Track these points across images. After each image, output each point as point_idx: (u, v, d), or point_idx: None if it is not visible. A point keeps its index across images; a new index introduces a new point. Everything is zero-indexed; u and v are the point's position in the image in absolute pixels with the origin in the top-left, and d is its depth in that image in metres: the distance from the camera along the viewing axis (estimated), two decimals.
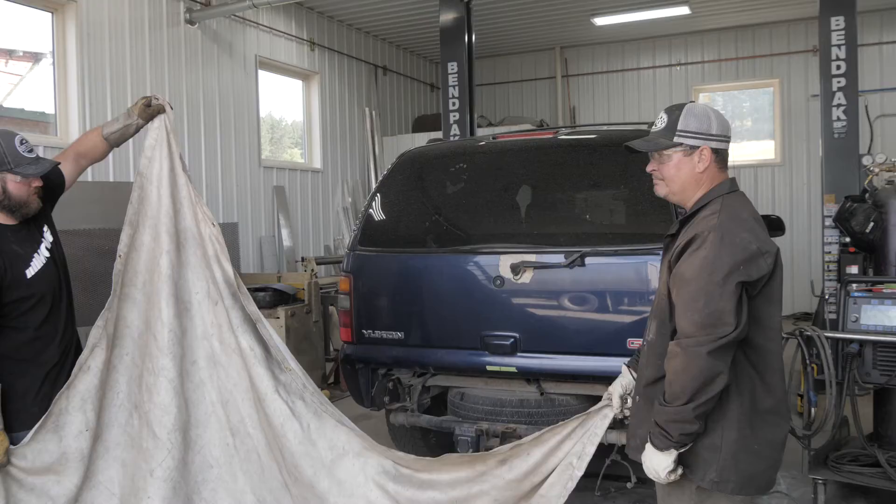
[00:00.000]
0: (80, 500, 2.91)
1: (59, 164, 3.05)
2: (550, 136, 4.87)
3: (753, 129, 12.66)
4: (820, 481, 4.27)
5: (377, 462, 2.97)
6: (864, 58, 9.53)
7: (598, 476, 4.56)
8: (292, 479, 3.00)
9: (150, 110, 3.09)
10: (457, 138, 8.14)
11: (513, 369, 4.13)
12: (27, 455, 2.84)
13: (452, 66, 8.33)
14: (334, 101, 11.25)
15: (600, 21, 11.30)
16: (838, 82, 6.47)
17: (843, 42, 6.46)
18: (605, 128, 5.33)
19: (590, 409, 2.73)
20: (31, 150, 2.90)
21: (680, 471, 2.26)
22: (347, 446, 3.00)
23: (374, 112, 11.90)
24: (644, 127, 4.53)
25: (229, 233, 7.82)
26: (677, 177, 2.39)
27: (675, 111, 2.39)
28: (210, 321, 3.01)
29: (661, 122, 2.41)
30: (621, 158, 4.34)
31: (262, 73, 9.81)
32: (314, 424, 3.00)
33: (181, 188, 3.05)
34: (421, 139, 9.35)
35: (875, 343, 4.16)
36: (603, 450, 4.33)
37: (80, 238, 5.83)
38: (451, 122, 8.36)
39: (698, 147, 2.35)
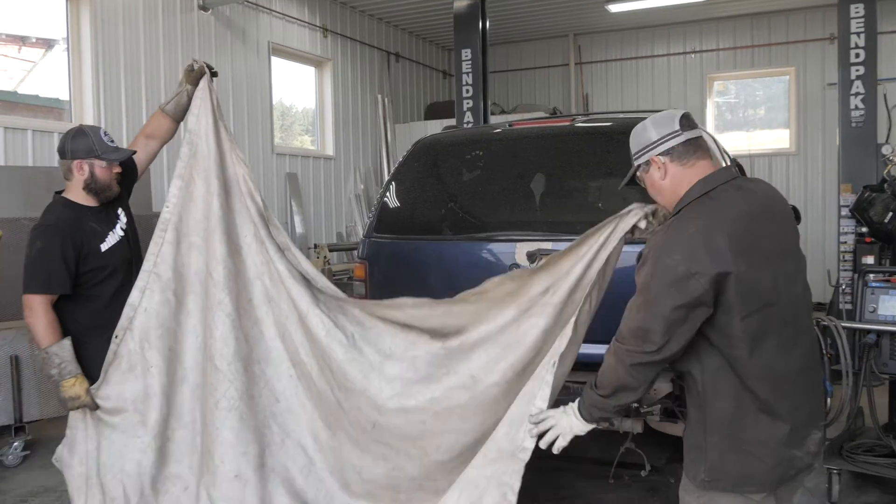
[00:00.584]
0: (173, 440, 3.08)
1: (136, 152, 3.41)
2: (567, 123, 4.85)
3: (767, 118, 12.56)
4: (834, 471, 4.26)
5: (426, 352, 2.93)
6: (883, 46, 9.41)
7: (613, 464, 4.58)
8: (344, 394, 2.98)
9: (194, 74, 3.28)
10: (470, 125, 8.12)
11: None
12: (110, 395, 3.05)
13: (466, 53, 8.31)
14: (347, 87, 11.24)
15: (614, 8, 11.21)
16: (857, 70, 6.41)
17: (862, 30, 6.39)
18: (621, 115, 5.29)
19: (621, 212, 2.65)
20: (112, 140, 3.30)
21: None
22: (393, 347, 2.99)
23: (386, 99, 11.88)
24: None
25: None
26: (658, 194, 2.42)
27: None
28: (260, 261, 3.12)
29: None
30: None
31: (274, 60, 9.80)
32: (358, 333, 3.03)
33: (224, 141, 3.23)
34: (433, 126, 9.33)
35: (893, 333, 4.14)
36: (618, 437, 4.35)
37: None
38: (465, 109, 8.34)
39: (648, 161, 2.37)
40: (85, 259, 3.16)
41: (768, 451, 2.20)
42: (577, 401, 2.40)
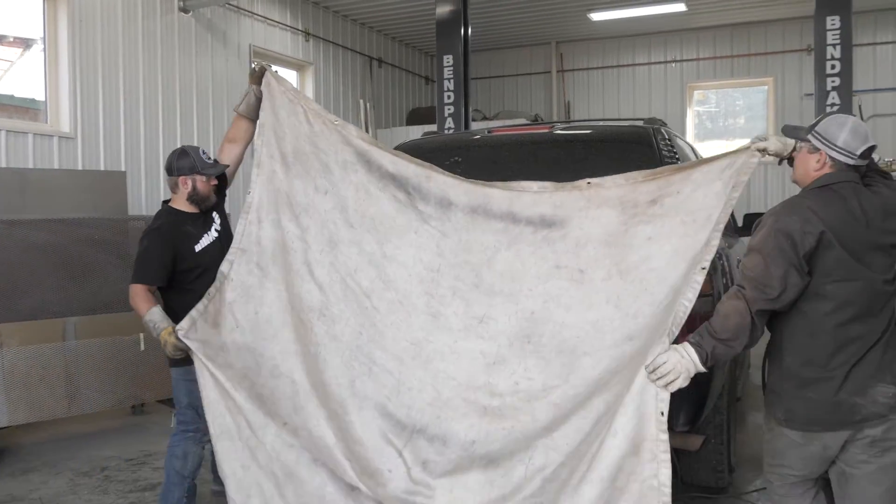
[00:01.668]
0: (266, 387, 3.36)
1: (228, 166, 3.89)
2: (546, 130, 4.85)
3: (746, 127, 12.69)
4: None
5: (528, 243, 3.08)
6: (858, 58, 9.54)
7: None
8: (448, 298, 3.16)
9: (256, 74, 3.65)
10: (451, 131, 8.12)
11: None
12: (196, 340, 3.44)
13: (448, 59, 8.31)
14: (329, 92, 11.21)
15: (597, 16, 11.29)
16: (833, 81, 6.48)
17: (838, 42, 6.47)
18: (601, 123, 5.31)
19: (738, 149, 2.85)
20: (209, 157, 3.84)
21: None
22: (497, 244, 3.13)
23: (368, 104, 11.85)
24: (640, 123, 4.51)
25: None
26: (800, 168, 2.84)
27: (822, 118, 2.82)
28: (323, 210, 3.42)
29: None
30: (616, 154, 4.33)
31: None
32: (465, 236, 3.20)
33: (283, 121, 3.53)
34: (415, 132, 9.32)
35: None
36: None
37: (68, 227, 5.76)
38: (446, 115, 8.34)
39: (818, 148, 2.75)
40: (182, 258, 3.69)
41: (827, 400, 2.67)
42: (690, 345, 2.62)
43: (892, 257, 2.74)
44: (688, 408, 3.97)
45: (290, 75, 10.77)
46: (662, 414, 2.58)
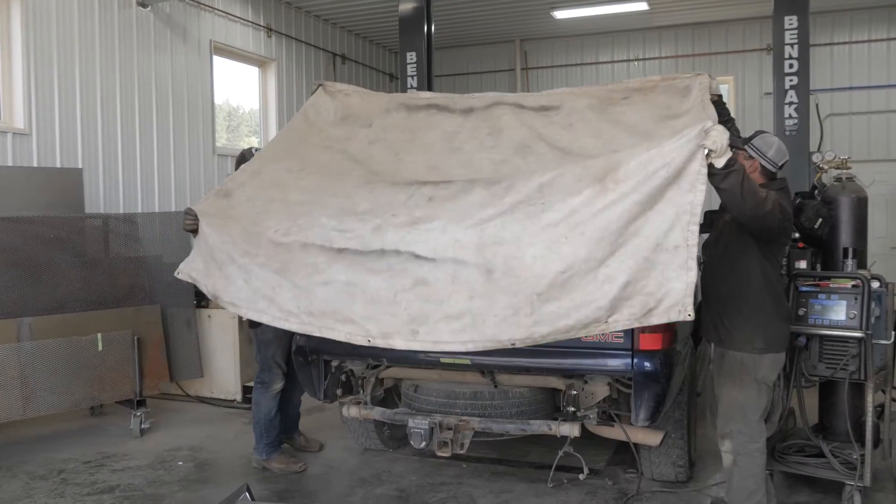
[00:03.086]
0: (263, 234, 3.81)
1: None
2: None
3: None
4: (767, 471, 4.34)
5: (531, 117, 4.40)
6: (816, 58, 9.72)
7: (552, 467, 4.60)
8: (470, 144, 4.33)
9: (314, 87, 5.05)
10: None
11: (467, 361, 4.11)
12: (200, 205, 4.20)
13: (411, 56, 8.29)
14: (291, 88, 11.10)
15: (560, 14, 11.34)
16: (791, 80, 6.58)
17: (795, 41, 6.57)
18: None
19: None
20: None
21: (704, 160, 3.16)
22: (508, 117, 4.46)
23: None
24: None
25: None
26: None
27: (757, 133, 3.94)
28: (367, 142, 4.54)
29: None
30: None
31: (217, 59, 9.63)
32: (482, 115, 4.54)
33: (325, 111, 4.99)
34: None
35: (821, 337, 4.24)
36: (556, 441, 4.36)
37: (22, 225, 5.63)
38: None
39: (753, 158, 3.78)
40: None
41: (786, 332, 3.88)
42: (735, 148, 3.29)
43: None
44: (648, 403, 4.02)
45: (251, 72, 10.66)
46: (706, 152, 3.08)
